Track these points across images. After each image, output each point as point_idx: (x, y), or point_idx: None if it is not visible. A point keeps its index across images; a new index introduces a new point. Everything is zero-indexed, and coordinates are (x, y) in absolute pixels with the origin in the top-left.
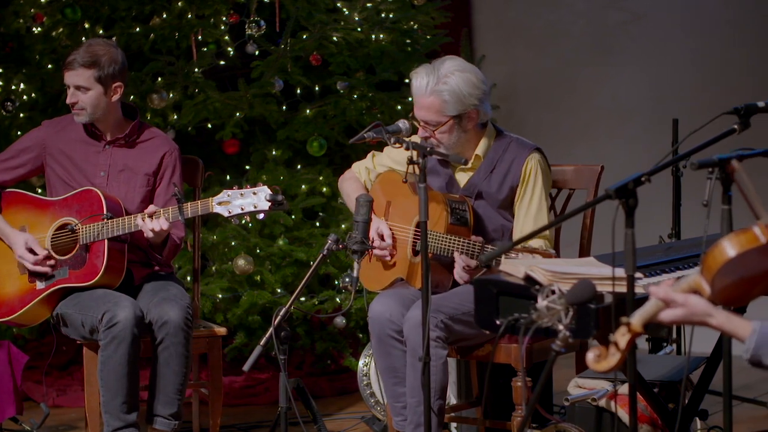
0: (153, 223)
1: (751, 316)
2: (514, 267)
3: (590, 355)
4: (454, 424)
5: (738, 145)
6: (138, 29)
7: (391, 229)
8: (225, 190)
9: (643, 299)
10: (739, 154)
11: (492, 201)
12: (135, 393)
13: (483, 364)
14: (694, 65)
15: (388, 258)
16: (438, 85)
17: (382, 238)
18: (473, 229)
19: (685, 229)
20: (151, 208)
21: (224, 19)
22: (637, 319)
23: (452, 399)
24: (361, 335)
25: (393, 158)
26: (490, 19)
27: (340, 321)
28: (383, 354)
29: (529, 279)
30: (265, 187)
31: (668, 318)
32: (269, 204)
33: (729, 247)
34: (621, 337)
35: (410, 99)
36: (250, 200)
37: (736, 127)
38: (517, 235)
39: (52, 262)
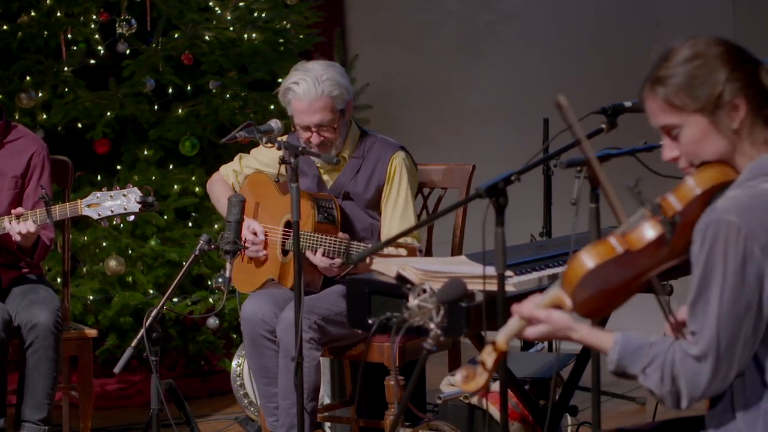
0: (20, 226)
1: (613, 325)
2: (386, 266)
3: (458, 377)
4: (328, 424)
5: (606, 145)
6: (5, 27)
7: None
8: (94, 192)
9: (513, 297)
10: (607, 153)
11: (359, 201)
12: (2, 398)
13: (356, 363)
14: (563, 65)
15: (262, 255)
16: (324, 84)
17: (255, 234)
18: (341, 228)
19: (556, 228)
20: (18, 209)
21: (94, 17)
22: (502, 337)
23: (326, 399)
24: (234, 336)
25: (260, 160)
26: (363, 19)
27: (213, 322)
28: (256, 354)
29: (400, 278)
30: (135, 188)
31: (532, 335)
32: (139, 206)
33: (587, 259)
34: (487, 356)
35: None
36: (119, 202)
37: (603, 126)
38: (384, 234)
39: None
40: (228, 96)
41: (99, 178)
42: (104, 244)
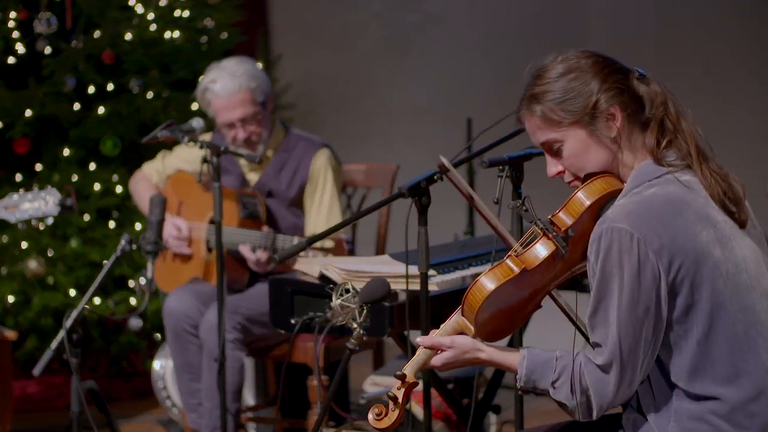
0: None
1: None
2: (309, 265)
3: (371, 416)
4: (252, 424)
5: (527, 144)
6: None
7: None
8: (12, 194)
9: (436, 297)
10: (529, 152)
11: (282, 199)
12: None
13: (280, 364)
14: (486, 66)
15: (186, 251)
16: (240, 78)
17: (179, 230)
18: (265, 225)
19: (480, 227)
20: None
21: (13, 15)
22: (410, 370)
23: (249, 399)
24: (157, 336)
25: (183, 158)
26: (286, 19)
27: (135, 323)
28: (179, 349)
29: (323, 277)
30: (55, 189)
31: (439, 362)
32: (58, 209)
33: (488, 282)
34: (398, 391)
35: None
36: (38, 204)
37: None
38: (309, 232)
39: None
40: (150, 95)
41: (19, 178)
42: (24, 244)
